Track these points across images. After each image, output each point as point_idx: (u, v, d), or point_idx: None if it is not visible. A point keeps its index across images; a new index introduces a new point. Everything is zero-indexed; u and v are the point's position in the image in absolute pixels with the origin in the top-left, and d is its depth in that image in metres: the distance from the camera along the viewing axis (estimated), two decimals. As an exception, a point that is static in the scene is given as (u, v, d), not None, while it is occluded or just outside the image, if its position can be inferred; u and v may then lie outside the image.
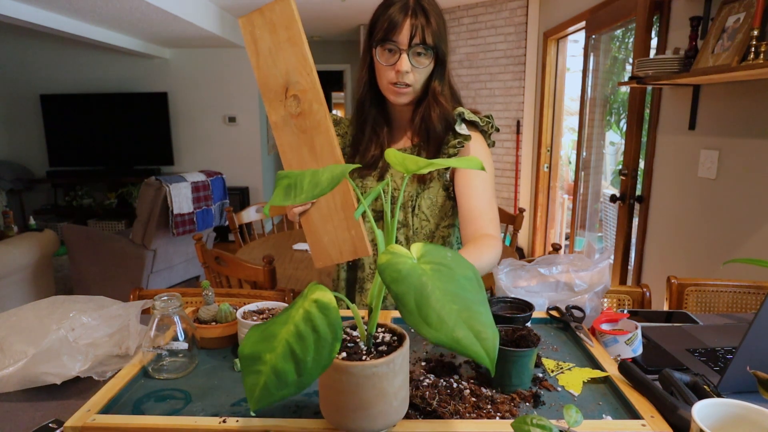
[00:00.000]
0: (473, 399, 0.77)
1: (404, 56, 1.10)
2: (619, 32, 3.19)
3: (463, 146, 1.19)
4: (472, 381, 0.83)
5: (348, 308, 0.82)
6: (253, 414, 0.72)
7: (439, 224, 1.25)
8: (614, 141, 3.82)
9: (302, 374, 0.58)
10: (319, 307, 0.60)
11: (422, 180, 1.21)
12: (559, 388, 0.81)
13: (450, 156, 1.19)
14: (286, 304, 1.01)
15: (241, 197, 5.65)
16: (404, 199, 1.21)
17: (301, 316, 0.60)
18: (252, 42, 1.05)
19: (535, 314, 1.07)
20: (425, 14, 1.09)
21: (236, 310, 0.99)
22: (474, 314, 0.56)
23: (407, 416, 0.72)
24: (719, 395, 0.76)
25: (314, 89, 1.05)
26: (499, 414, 0.73)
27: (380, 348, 0.69)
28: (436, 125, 1.18)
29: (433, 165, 0.64)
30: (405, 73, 1.11)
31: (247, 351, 0.61)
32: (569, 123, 4.19)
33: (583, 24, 3.27)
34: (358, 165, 0.72)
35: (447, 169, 1.22)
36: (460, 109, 1.22)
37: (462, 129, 1.19)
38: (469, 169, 1.20)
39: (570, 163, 4.34)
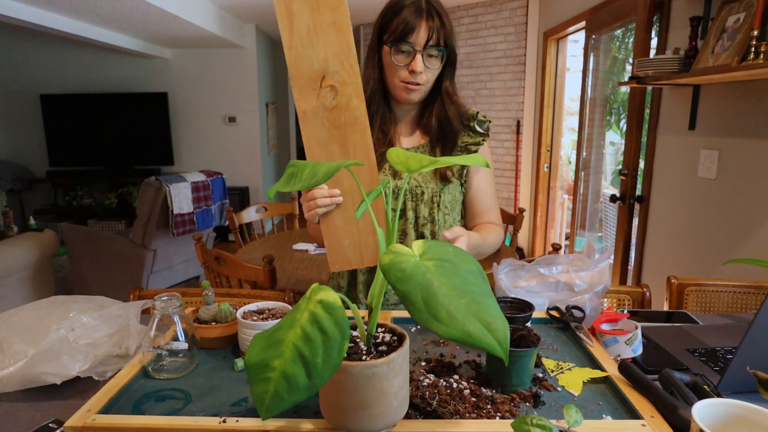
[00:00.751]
0: (473, 399, 0.77)
1: (419, 57, 1.12)
2: (619, 32, 3.19)
3: (482, 144, 1.26)
4: (472, 381, 0.83)
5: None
6: (263, 422, 0.70)
7: (456, 218, 1.31)
8: (614, 141, 3.82)
9: (313, 377, 0.58)
10: (325, 307, 0.60)
11: (444, 177, 1.25)
12: (559, 388, 0.82)
13: (470, 153, 1.25)
14: (286, 304, 1.01)
15: (241, 197, 5.65)
16: (429, 194, 1.25)
17: (307, 318, 0.60)
18: (287, 16, 0.95)
19: (535, 314, 1.07)
20: (439, 16, 1.12)
21: (236, 310, 0.99)
22: (482, 307, 0.57)
23: (407, 416, 0.72)
24: (719, 395, 0.76)
25: (356, 84, 0.98)
26: (499, 414, 0.73)
27: (380, 348, 0.69)
28: (454, 123, 1.23)
29: (437, 163, 0.64)
30: (419, 73, 1.14)
31: (254, 360, 0.60)
32: (569, 123, 4.19)
33: (583, 24, 3.27)
34: (360, 162, 0.72)
35: (464, 167, 1.28)
36: (473, 109, 1.28)
37: (478, 128, 1.26)
38: (481, 171, 1.30)
39: (570, 163, 4.34)
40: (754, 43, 1.53)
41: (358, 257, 1.06)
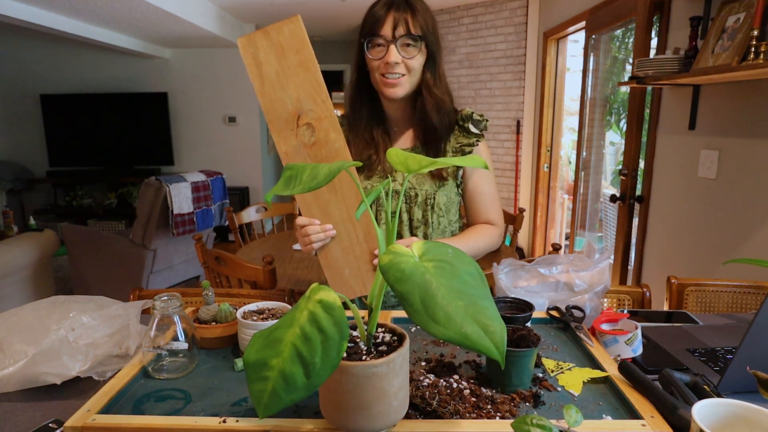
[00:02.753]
0: (473, 399, 0.77)
1: (392, 48, 1.12)
2: (619, 32, 3.19)
3: (477, 145, 1.24)
4: (472, 381, 0.83)
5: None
6: (260, 421, 0.71)
7: (451, 220, 1.30)
8: (614, 141, 3.82)
9: (311, 376, 0.58)
10: (324, 307, 0.60)
11: (440, 177, 1.24)
12: (559, 388, 0.81)
13: (465, 155, 1.23)
14: (285, 304, 1.01)
15: (241, 197, 5.65)
16: (423, 197, 1.24)
17: (306, 318, 0.60)
18: (255, 65, 0.99)
19: (535, 314, 1.07)
20: (410, 7, 1.12)
21: (236, 310, 0.99)
22: (480, 309, 0.57)
23: (407, 416, 0.72)
24: (719, 395, 0.76)
25: (330, 117, 1.00)
26: (499, 414, 0.73)
27: (380, 348, 0.69)
28: (432, 116, 1.20)
29: (436, 164, 0.64)
30: (395, 64, 1.13)
31: (252, 358, 0.60)
32: (569, 123, 4.19)
33: (583, 24, 3.27)
34: (359, 163, 0.71)
35: (459, 168, 1.27)
36: (468, 109, 1.26)
37: (473, 128, 1.24)
38: (479, 172, 1.28)
39: (570, 163, 4.34)
40: (754, 43, 1.53)
41: (361, 284, 1.08)
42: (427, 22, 1.14)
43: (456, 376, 0.84)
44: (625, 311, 1.18)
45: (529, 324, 0.99)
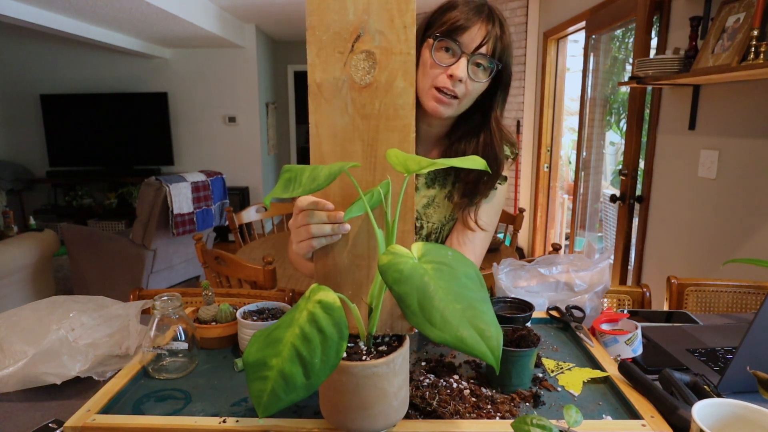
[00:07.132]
0: (473, 399, 0.77)
1: (463, 61, 0.94)
2: (619, 32, 3.19)
3: (497, 188, 1.10)
4: (472, 381, 0.83)
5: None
6: (260, 421, 0.71)
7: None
8: (614, 141, 3.82)
9: (310, 376, 0.58)
10: (324, 307, 0.60)
11: (455, 205, 1.10)
12: (559, 388, 0.82)
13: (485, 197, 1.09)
14: (285, 305, 1.01)
15: (241, 197, 5.65)
16: (428, 230, 1.11)
17: (306, 318, 0.60)
18: None
19: (535, 314, 1.07)
20: (501, 25, 0.96)
21: (236, 310, 0.99)
22: (477, 313, 0.56)
23: (407, 416, 0.72)
24: (719, 395, 0.76)
25: (406, 54, 0.67)
26: (499, 414, 0.73)
27: (380, 348, 0.69)
28: (498, 151, 1.05)
29: (435, 165, 0.63)
30: (458, 80, 0.94)
31: (252, 358, 0.60)
32: (569, 123, 4.18)
33: (583, 24, 3.27)
34: (358, 164, 0.70)
35: (473, 200, 1.09)
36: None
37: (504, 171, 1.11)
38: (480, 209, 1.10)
39: (570, 163, 4.34)
40: (754, 43, 1.53)
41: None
42: (510, 48, 0.98)
43: (456, 376, 0.84)
44: (625, 311, 1.18)
45: (529, 324, 0.99)
